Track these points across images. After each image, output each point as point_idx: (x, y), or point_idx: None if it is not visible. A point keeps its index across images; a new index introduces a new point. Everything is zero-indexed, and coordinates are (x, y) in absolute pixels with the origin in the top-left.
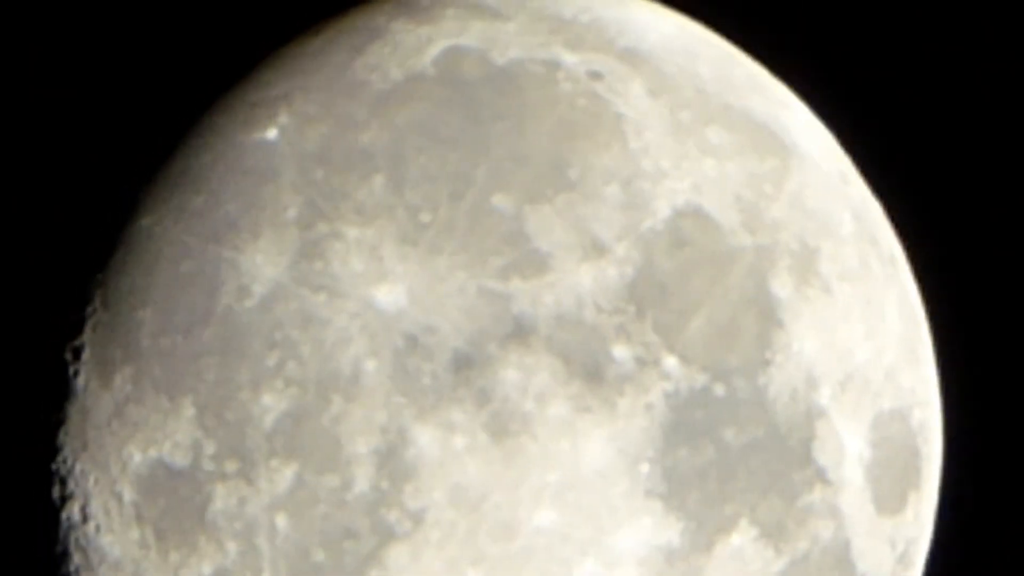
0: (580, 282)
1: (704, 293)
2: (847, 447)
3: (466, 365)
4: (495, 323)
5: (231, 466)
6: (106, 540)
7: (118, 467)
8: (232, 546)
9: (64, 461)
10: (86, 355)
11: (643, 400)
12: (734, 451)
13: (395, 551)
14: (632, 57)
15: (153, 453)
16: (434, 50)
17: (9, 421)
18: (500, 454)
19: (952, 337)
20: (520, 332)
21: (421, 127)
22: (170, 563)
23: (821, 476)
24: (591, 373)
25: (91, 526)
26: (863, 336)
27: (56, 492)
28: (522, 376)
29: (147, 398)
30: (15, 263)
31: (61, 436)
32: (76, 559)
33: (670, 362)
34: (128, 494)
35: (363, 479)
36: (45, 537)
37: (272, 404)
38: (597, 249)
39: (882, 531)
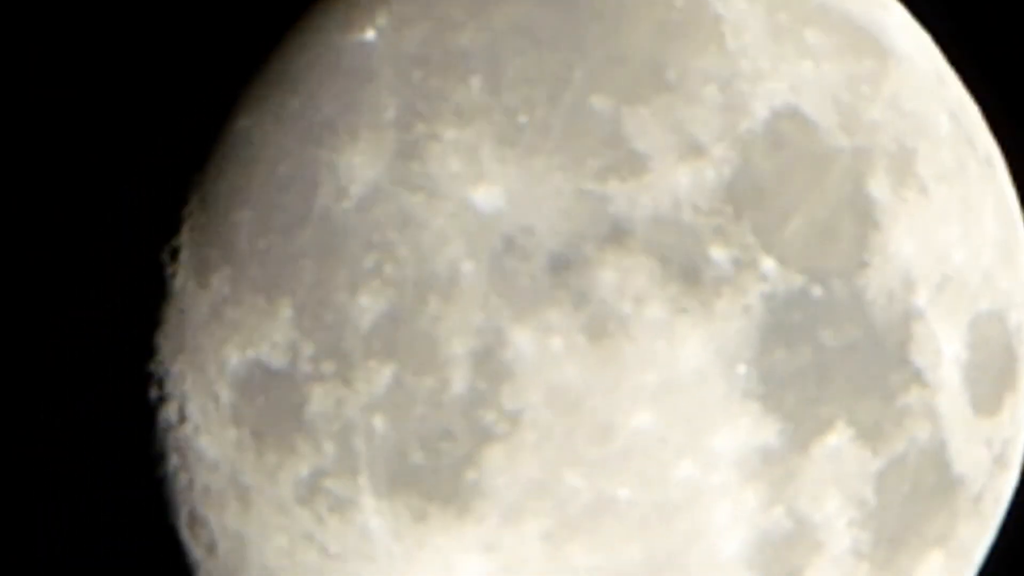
0: (678, 183)
1: (801, 195)
2: (944, 349)
3: (563, 266)
4: (592, 224)
5: (328, 367)
6: (203, 441)
7: (215, 368)
8: (329, 447)
9: (161, 362)
10: (183, 256)
11: (740, 302)
12: (831, 353)
13: (492, 452)
14: None
15: (250, 354)
16: None
17: (106, 323)
18: (597, 356)
19: None
20: (617, 233)
21: (519, 28)
22: (267, 464)
23: (918, 378)
24: (688, 275)
25: (188, 427)
26: (960, 238)
27: (153, 393)
28: (619, 278)
29: (244, 299)
30: (112, 164)
31: (158, 337)
32: (173, 460)
33: (768, 264)
34: (225, 395)
35: (460, 380)
36: (142, 438)
37: (369, 305)
38: (695, 150)
39: (979, 432)
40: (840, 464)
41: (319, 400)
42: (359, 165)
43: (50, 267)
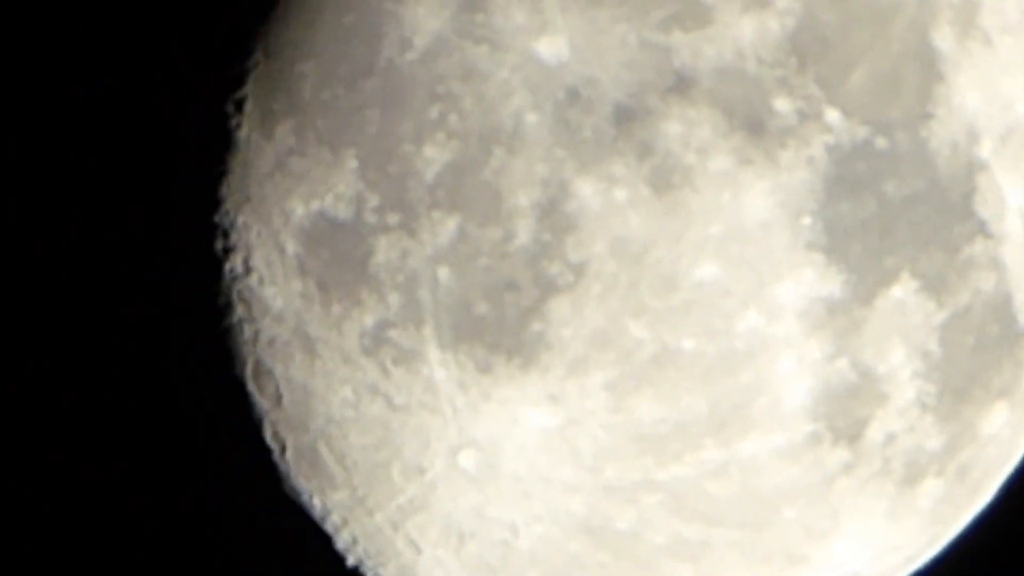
0: (742, 34)
1: (866, 46)
2: (1008, 200)
3: (627, 118)
4: (656, 75)
5: (393, 218)
6: (269, 292)
7: (281, 219)
8: (394, 298)
9: (227, 213)
10: (248, 107)
11: (805, 153)
12: (895, 204)
13: (557, 303)
14: None
15: (315, 205)
16: None
17: (172, 174)
18: (661, 207)
19: None
20: (681, 84)
21: None
22: (332, 315)
23: (982, 229)
24: (753, 126)
25: (254, 278)
26: None
27: (219, 244)
28: (683, 129)
29: (309, 150)
30: (178, 15)
31: (223, 188)
32: (239, 311)
33: (832, 115)
34: (291, 246)
35: (525, 231)
36: (208, 289)
37: (434, 157)
38: (759, 1)
39: None
40: (904, 316)
41: (384, 251)
42: (423, 16)
43: (115, 116)
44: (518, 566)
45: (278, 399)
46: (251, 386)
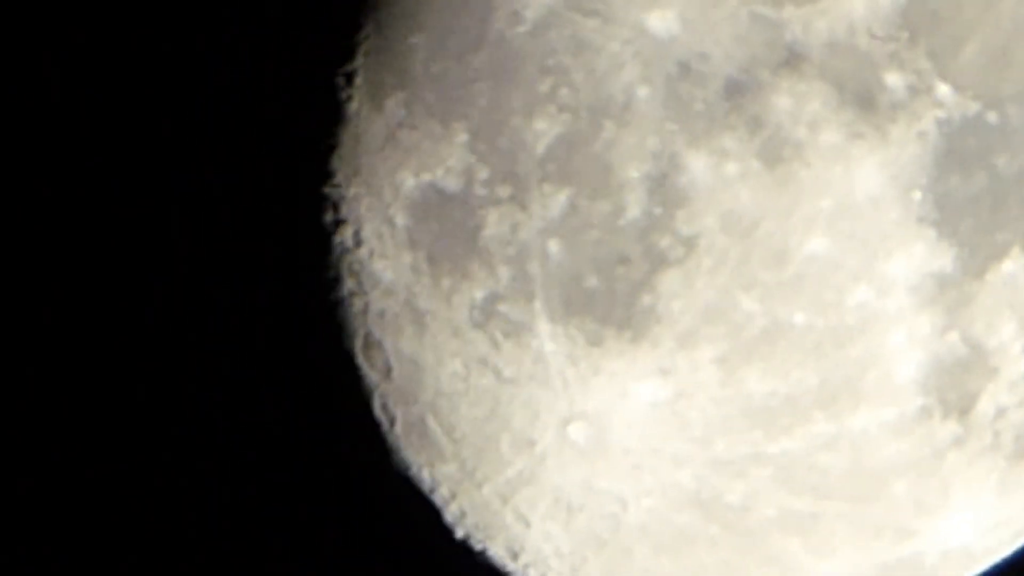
0: (853, 9)
1: (977, 20)
2: None
3: (738, 92)
4: (767, 50)
5: (504, 191)
6: (379, 265)
7: (391, 192)
8: (504, 271)
9: (337, 186)
10: (358, 80)
11: (916, 127)
12: (1006, 179)
13: (667, 277)
14: None
15: (426, 178)
16: None
17: (282, 148)
18: (772, 181)
19: None
20: (792, 59)
21: None
22: (442, 288)
23: None
24: (864, 100)
25: (364, 251)
26: None
27: (328, 217)
28: (794, 103)
29: (420, 123)
30: None
31: (334, 161)
32: (348, 284)
33: (943, 89)
34: (401, 219)
35: (635, 205)
36: (318, 262)
37: (544, 130)
38: None
39: None
40: (1016, 290)
41: (494, 224)
42: None
43: (227, 90)
44: (627, 539)
45: (387, 372)
46: (361, 359)
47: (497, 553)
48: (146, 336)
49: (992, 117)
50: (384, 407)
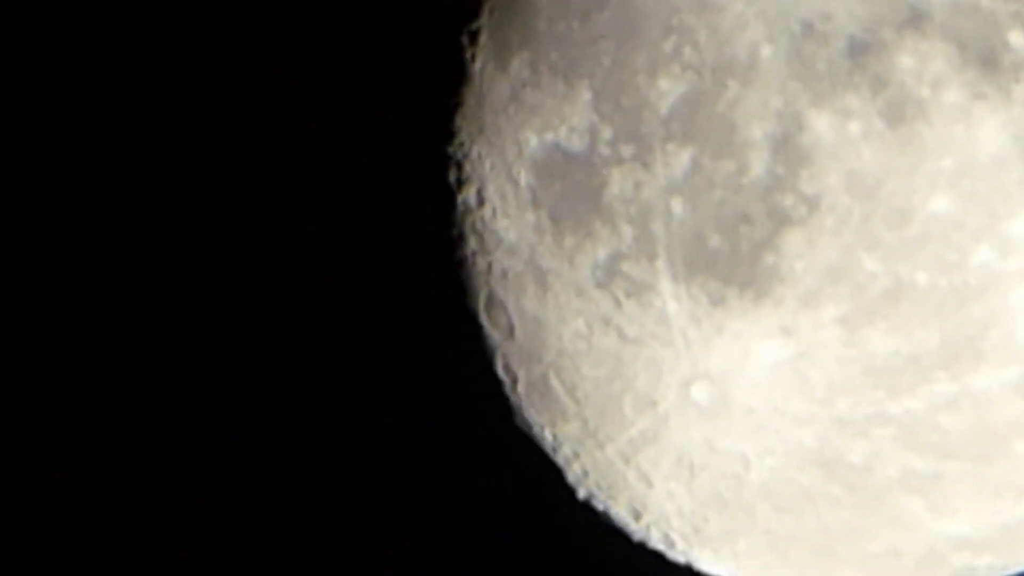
0: None
1: None
2: None
3: (862, 51)
4: (891, 9)
5: (627, 150)
6: (502, 224)
7: (514, 151)
8: (627, 231)
9: (461, 145)
10: (483, 39)
11: None
12: None
13: (790, 236)
14: None
15: (549, 137)
16: None
17: (407, 106)
18: (895, 140)
19: None
20: (915, 18)
21: None
22: (565, 247)
23: None
24: (987, 60)
25: (487, 210)
26: None
27: (452, 176)
28: (917, 62)
29: (544, 82)
30: None
31: (458, 120)
32: (472, 243)
33: None
34: (524, 178)
35: (759, 164)
36: (442, 221)
37: (668, 89)
38: None
39: None
40: None
41: (617, 183)
42: None
43: (352, 48)
44: (749, 498)
45: (510, 331)
46: (483, 318)
47: (619, 513)
48: (268, 294)
49: None
50: (507, 367)
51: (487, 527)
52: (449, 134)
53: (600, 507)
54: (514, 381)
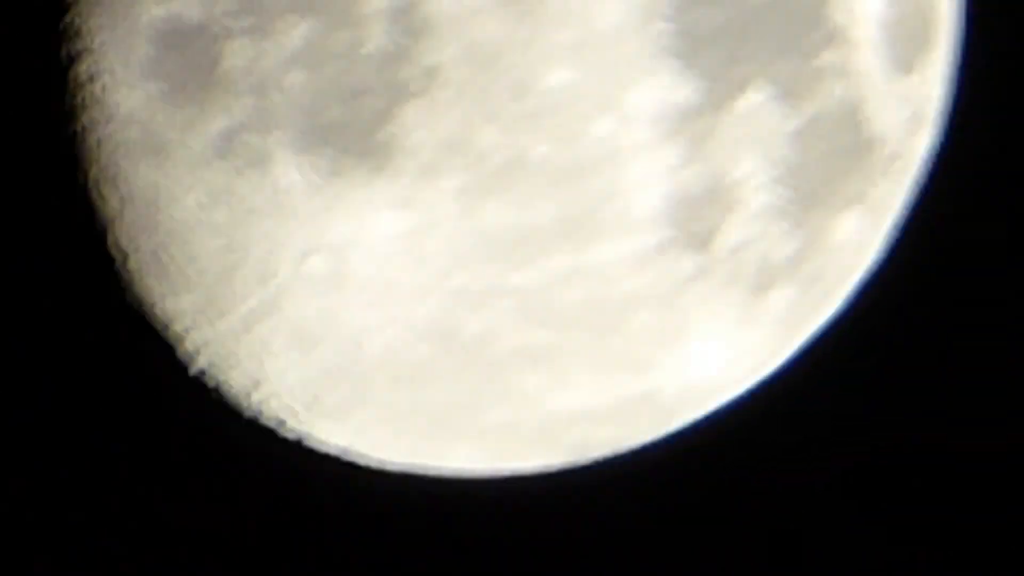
0: None
1: None
2: (863, 6)
3: None
4: None
5: (246, 21)
6: (118, 96)
7: (131, 22)
8: (246, 102)
9: (76, 17)
10: None
11: None
12: (750, 10)
13: (409, 107)
14: None
15: (167, 9)
16: None
17: None
18: (515, 11)
19: None
20: None
21: None
22: (182, 119)
23: (836, 35)
24: None
25: (101, 83)
26: None
27: (65, 50)
28: None
29: None
30: None
31: None
32: (84, 117)
33: None
34: (141, 50)
35: (378, 35)
36: (54, 95)
37: None
38: None
39: (896, 91)
40: (758, 122)
41: (236, 55)
42: None
43: None
44: (366, 371)
45: (122, 205)
46: (95, 194)
47: (235, 387)
48: None
49: None
50: (117, 242)
51: (96, 404)
52: (63, 6)
53: (214, 382)
54: (125, 257)
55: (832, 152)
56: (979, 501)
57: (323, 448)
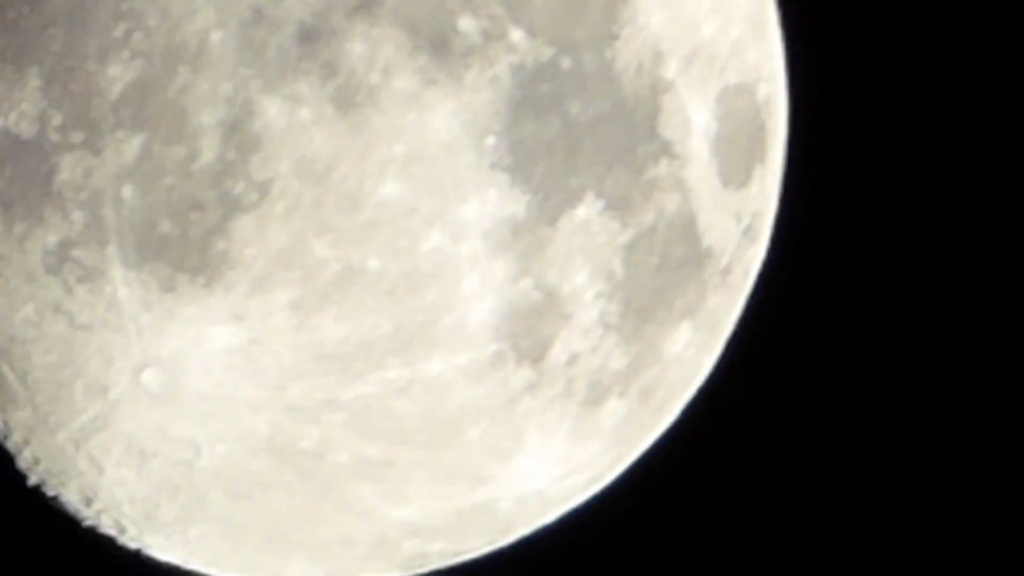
0: None
1: None
2: (693, 121)
3: (312, 37)
4: None
5: (77, 136)
6: None
7: None
8: (78, 216)
9: None
10: None
11: (489, 73)
12: (580, 124)
13: (241, 222)
14: None
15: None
16: None
17: None
18: (346, 126)
19: (797, 10)
20: (366, 4)
21: None
22: (15, 233)
23: (667, 150)
24: (437, 45)
25: None
26: (709, 10)
27: None
28: (368, 48)
29: None
30: None
31: None
32: None
33: (516, 35)
34: None
35: (209, 150)
36: None
37: (118, 75)
38: None
39: (728, 204)
40: (589, 236)
41: (68, 169)
42: None
43: None
44: (201, 485)
45: None
46: None
47: (71, 499)
48: None
49: (566, 62)
50: None
51: None
52: None
53: (52, 494)
54: None
55: (665, 265)
56: None
57: (161, 560)
